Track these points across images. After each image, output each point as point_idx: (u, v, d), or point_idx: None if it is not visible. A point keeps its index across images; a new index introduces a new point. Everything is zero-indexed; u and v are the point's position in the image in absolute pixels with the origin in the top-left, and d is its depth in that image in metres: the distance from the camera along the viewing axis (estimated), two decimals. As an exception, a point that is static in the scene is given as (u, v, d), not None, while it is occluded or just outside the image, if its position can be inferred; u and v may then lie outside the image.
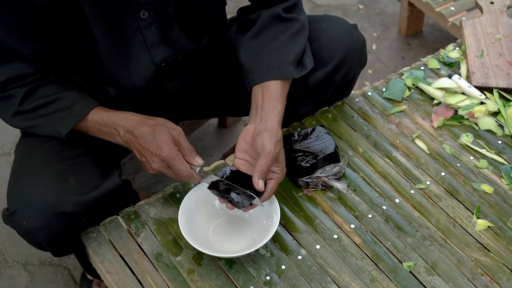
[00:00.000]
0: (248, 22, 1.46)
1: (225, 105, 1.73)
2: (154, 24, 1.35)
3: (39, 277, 1.89)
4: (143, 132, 1.30)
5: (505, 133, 1.58)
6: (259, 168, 1.26)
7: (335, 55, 1.49)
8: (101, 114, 1.34)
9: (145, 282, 1.31)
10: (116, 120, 1.33)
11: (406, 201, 1.44)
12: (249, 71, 1.39)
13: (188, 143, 1.33)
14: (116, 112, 1.35)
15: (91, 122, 1.34)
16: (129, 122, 1.32)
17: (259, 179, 1.26)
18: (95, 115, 1.33)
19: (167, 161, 1.29)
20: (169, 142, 1.29)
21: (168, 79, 1.47)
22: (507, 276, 1.31)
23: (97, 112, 1.34)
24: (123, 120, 1.33)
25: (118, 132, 1.33)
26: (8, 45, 1.27)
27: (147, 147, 1.29)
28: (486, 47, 1.74)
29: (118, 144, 1.35)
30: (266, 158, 1.26)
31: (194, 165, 1.32)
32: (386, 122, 1.61)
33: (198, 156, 1.33)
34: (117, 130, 1.33)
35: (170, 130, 1.31)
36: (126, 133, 1.32)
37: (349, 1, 2.84)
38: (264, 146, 1.27)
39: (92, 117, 1.33)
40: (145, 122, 1.32)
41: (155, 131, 1.30)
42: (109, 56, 1.35)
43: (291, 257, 1.34)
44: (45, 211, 1.28)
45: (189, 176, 1.31)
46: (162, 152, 1.28)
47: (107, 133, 1.34)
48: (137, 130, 1.31)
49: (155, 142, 1.29)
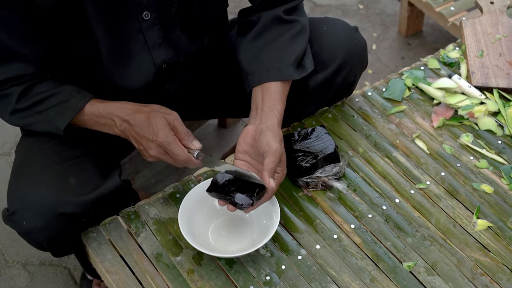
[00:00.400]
0: (248, 24, 1.46)
1: (225, 106, 1.72)
2: (156, 25, 1.35)
3: (39, 277, 1.89)
4: (138, 119, 1.29)
5: (505, 133, 1.58)
6: (268, 167, 1.25)
7: (336, 57, 1.49)
8: (96, 106, 1.33)
9: (145, 282, 1.31)
10: (111, 110, 1.32)
11: (406, 201, 1.44)
12: (249, 72, 1.39)
13: (185, 127, 1.32)
14: (111, 103, 1.34)
15: (87, 114, 1.33)
16: (124, 111, 1.32)
17: (270, 177, 1.25)
18: (91, 107, 1.33)
19: (163, 146, 1.28)
20: (164, 127, 1.28)
21: (169, 80, 1.47)
22: (507, 276, 1.31)
23: (93, 104, 1.33)
24: (118, 109, 1.32)
25: (115, 122, 1.32)
26: (8, 45, 1.27)
27: (143, 134, 1.29)
28: (486, 47, 1.74)
29: (116, 135, 1.35)
30: (274, 156, 1.26)
31: (191, 149, 1.31)
32: (386, 122, 1.61)
33: (195, 139, 1.32)
34: (113, 120, 1.32)
35: (165, 115, 1.30)
36: (122, 122, 1.31)
37: (349, 1, 2.84)
38: (270, 145, 1.26)
39: (88, 109, 1.33)
40: (140, 110, 1.31)
41: (150, 117, 1.29)
42: (109, 57, 1.35)
43: (291, 257, 1.34)
44: (45, 212, 1.28)
45: (187, 161, 1.30)
46: (158, 138, 1.27)
47: (104, 125, 1.34)
48: (132, 118, 1.30)
49: (151, 128, 1.28)
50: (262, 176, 1.25)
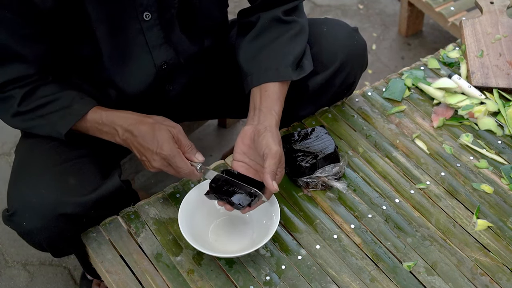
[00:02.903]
0: (248, 24, 1.46)
1: (225, 106, 1.72)
2: (156, 26, 1.35)
3: (39, 277, 1.89)
4: (142, 131, 1.30)
5: (505, 133, 1.58)
6: (270, 170, 1.25)
7: (335, 58, 1.49)
8: (99, 114, 1.34)
9: (145, 282, 1.31)
10: (114, 119, 1.33)
11: (406, 201, 1.44)
12: (248, 73, 1.39)
13: (188, 140, 1.33)
14: (114, 111, 1.35)
15: (90, 121, 1.34)
16: (127, 121, 1.32)
17: (273, 180, 1.25)
18: (94, 115, 1.34)
19: (168, 159, 1.29)
20: (169, 140, 1.29)
21: (169, 81, 1.47)
22: (507, 276, 1.31)
23: (96, 112, 1.34)
24: (121, 119, 1.33)
25: (117, 132, 1.33)
26: (8, 46, 1.27)
27: (147, 146, 1.29)
28: (486, 47, 1.74)
29: (117, 143, 1.36)
30: (275, 158, 1.26)
31: (194, 162, 1.32)
32: (386, 122, 1.61)
33: (198, 152, 1.34)
34: (115, 129, 1.33)
35: (169, 128, 1.31)
36: (125, 132, 1.32)
37: (349, 1, 2.84)
38: (270, 147, 1.26)
39: (91, 116, 1.33)
40: (143, 121, 1.32)
41: (155, 130, 1.30)
42: (110, 57, 1.35)
43: (291, 257, 1.34)
44: (45, 212, 1.28)
45: (190, 173, 1.31)
46: (163, 151, 1.28)
47: (106, 133, 1.34)
48: (136, 129, 1.31)
49: (155, 140, 1.29)
50: (264, 178, 1.25)
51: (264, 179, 1.25)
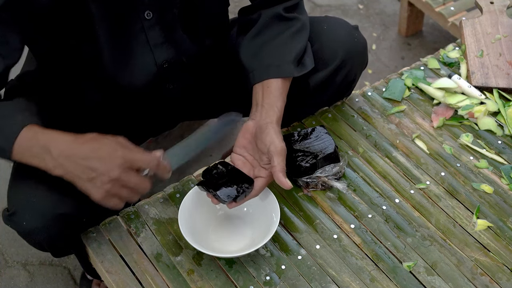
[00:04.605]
0: (249, 22, 1.46)
1: (226, 106, 1.72)
2: (158, 25, 1.35)
3: (39, 277, 1.89)
4: (84, 146, 1.20)
5: (505, 133, 1.58)
6: (280, 167, 1.26)
7: (336, 56, 1.49)
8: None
9: (145, 282, 1.31)
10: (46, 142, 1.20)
11: (406, 201, 1.44)
12: (250, 69, 1.40)
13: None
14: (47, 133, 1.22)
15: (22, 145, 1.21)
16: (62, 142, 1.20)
17: (285, 177, 1.27)
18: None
19: (125, 158, 1.19)
20: (117, 144, 1.21)
21: (169, 80, 1.47)
22: (507, 276, 1.31)
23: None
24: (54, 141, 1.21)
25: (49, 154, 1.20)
26: None
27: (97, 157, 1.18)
28: (486, 47, 1.74)
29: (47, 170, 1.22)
30: (282, 155, 1.27)
31: (157, 155, 1.24)
32: (386, 122, 1.61)
33: (154, 151, 1.26)
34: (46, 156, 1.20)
35: (112, 138, 1.22)
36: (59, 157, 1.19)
37: (349, 1, 2.84)
38: (276, 144, 1.27)
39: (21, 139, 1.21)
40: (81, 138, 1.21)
41: (97, 140, 1.21)
42: (111, 56, 1.35)
43: (291, 257, 1.34)
44: (45, 212, 1.28)
45: (157, 163, 1.23)
46: (117, 152, 1.19)
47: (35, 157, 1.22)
48: (76, 148, 1.20)
49: (104, 148, 1.19)
50: (277, 177, 1.26)
51: (277, 178, 1.26)
